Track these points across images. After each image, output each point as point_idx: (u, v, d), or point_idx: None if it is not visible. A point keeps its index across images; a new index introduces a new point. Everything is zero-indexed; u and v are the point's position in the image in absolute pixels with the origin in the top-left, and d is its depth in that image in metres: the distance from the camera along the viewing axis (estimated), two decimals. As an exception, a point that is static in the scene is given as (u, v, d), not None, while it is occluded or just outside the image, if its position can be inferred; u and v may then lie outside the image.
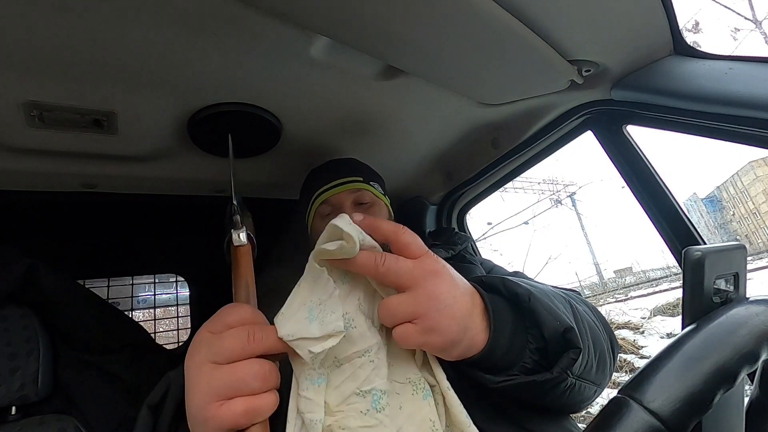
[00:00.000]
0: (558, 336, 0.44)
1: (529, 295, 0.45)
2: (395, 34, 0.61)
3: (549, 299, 0.47)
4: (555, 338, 0.44)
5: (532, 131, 1.00)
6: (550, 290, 0.52)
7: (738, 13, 9.90)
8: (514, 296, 0.46)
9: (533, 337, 0.45)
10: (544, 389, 0.45)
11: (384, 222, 0.44)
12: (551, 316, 0.44)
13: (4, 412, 0.80)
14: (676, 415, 0.27)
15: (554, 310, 0.45)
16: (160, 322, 1.53)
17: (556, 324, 0.44)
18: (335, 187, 0.82)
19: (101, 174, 0.92)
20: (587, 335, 0.50)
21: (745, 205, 23.46)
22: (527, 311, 0.45)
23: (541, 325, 0.44)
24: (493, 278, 0.49)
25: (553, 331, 0.44)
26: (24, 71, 0.61)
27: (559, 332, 0.44)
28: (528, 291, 0.46)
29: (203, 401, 0.36)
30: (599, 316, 0.63)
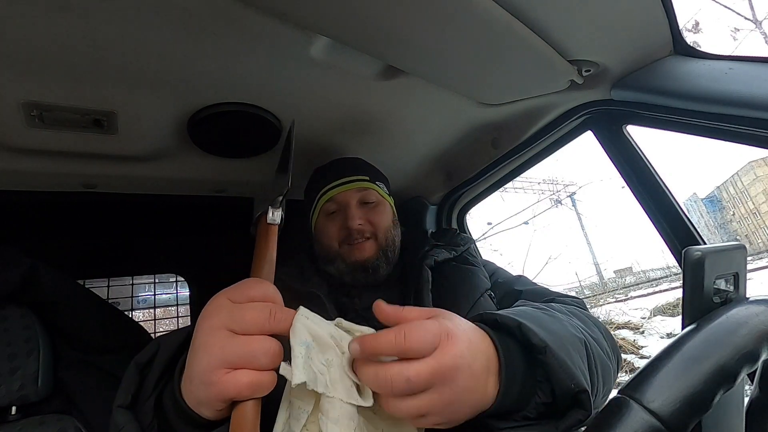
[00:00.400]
0: (570, 395, 0.43)
1: (545, 348, 0.43)
2: (395, 34, 0.61)
3: (565, 351, 0.45)
4: (566, 397, 0.43)
5: (532, 131, 1.00)
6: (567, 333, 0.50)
7: (738, 13, 9.91)
8: (529, 345, 0.44)
9: (543, 392, 0.44)
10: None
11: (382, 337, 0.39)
12: (566, 375, 0.42)
13: (4, 412, 0.80)
14: (676, 415, 0.27)
15: (569, 367, 0.43)
16: (160, 322, 1.53)
17: (570, 386, 0.42)
18: (342, 185, 0.82)
19: (101, 174, 0.92)
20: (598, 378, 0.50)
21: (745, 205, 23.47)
22: (541, 364, 0.43)
23: (554, 383, 0.43)
24: (510, 319, 0.46)
25: (565, 391, 0.42)
26: (24, 71, 0.61)
27: (572, 393, 0.42)
28: (544, 342, 0.43)
29: (212, 365, 0.37)
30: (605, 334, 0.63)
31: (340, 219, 0.80)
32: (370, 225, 0.79)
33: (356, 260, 0.77)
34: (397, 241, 0.83)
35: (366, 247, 0.78)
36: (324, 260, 0.81)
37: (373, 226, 0.80)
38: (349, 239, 0.78)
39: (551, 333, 0.46)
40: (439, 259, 0.77)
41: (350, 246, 0.78)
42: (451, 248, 0.81)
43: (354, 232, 0.77)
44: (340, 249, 0.78)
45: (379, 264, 0.77)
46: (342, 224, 0.79)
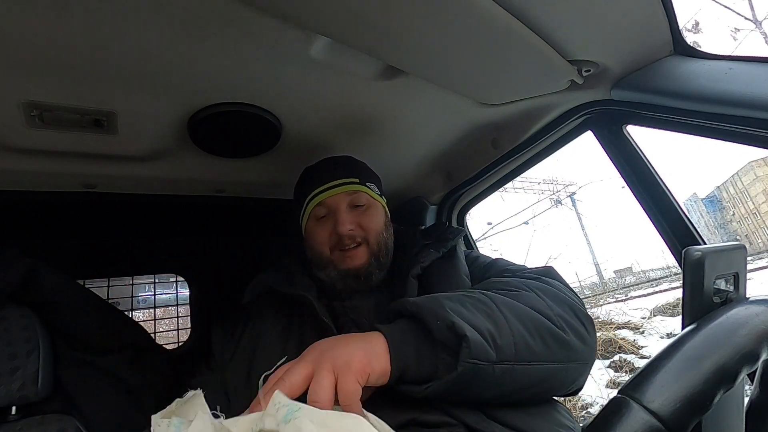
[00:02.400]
0: (447, 333, 0.48)
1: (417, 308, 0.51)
2: (395, 34, 0.61)
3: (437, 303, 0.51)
4: (446, 337, 0.48)
5: (532, 131, 1.00)
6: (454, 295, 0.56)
7: (738, 13, 9.90)
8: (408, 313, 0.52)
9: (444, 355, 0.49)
10: (470, 383, 0.48)
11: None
12: (433, 318, 0.49)
13: (4, 412, 0.80)
14: (676, 415, 0.27)
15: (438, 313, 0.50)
16: (160, 322, 1.53)
17: (437, 324, 0.49)
18: (331, 188, 0.79)
19: (101, 174, 0.92)
20: (502, 317, 0.52)
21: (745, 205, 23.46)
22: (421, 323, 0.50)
23: (430, 331, 0.49)
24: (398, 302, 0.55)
25: (440, 331, 0.48)
26: (24, 71, 0.61)
27: (444, 329, 0.48)
28: (415, 304, 0.52)
29: None
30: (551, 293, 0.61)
31: (330, 224, 0.78)
32: (360, 229, 0.77)
33: (348, 268, 0.75)
34: (389, 244, 0.82)
35: (358, 255, 0.76)
36: (315, 265, 0.80)
37: (365, 231, 0.78)
38: (340, 245, 0.76)
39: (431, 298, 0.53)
40: (426, 264, 0.75)
41: (342, 252, 0.76)
42: (440, 245, 0.79)
43: (345, 238, 0.76)
44: (332, 255, 0.77)
45: (371, 271, 0.76)
46: (332, 229, 0.77)
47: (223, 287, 1.36)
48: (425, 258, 0.75)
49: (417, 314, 0.51)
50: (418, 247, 0.79)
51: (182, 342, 1.42)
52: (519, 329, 0.52)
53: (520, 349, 0.50)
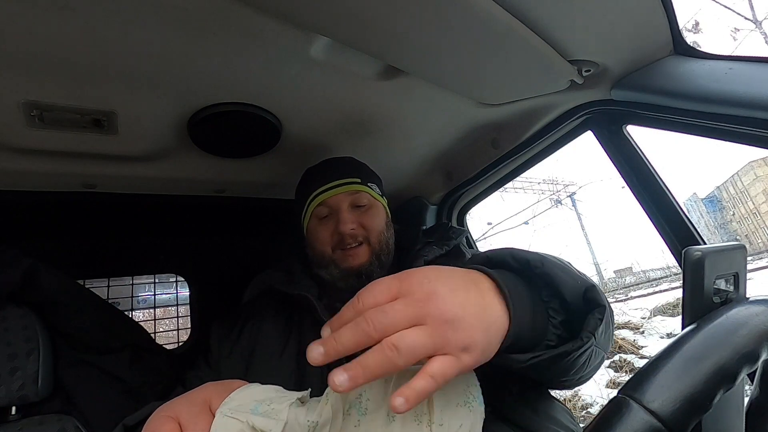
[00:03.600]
0: (579, 297, 0.41)
1: (542, 260, 0.43)
2: (395, 34, 0.61)
3: (561, 261, 0.46)
4: (576, 301, 0.41)
5: (532, 131, 1.00)
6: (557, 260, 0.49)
7: (738, 13, 9.90)
8: (525, 264, 0.43)
9: (554, 311, 0.43)
10: (570, 360, 0.43)
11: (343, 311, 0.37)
12: (569, 277, 0.42)
13: (4, 412, 0.80)
14: (676, 415, 0.27)
15: (570, 270, 0.43)
16: (160, 322, 1.53)
17: (577, 284, 0.41)
18: (332, 188, 0.80)
19: (101, 174, 0.92)
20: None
21: (745, 205, 23.46)
22: (542, 277, 0.42)
23: (560, 288, 0.41)
24: (499, 252, 0.46)
25: (574, 293, 0.41)
26: (24, 71, 0.61)
27: (581, 292, 0.41)
28: (539, 256, 0.44)
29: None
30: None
31: (332, 223, 0.78)
32: (362, 229, 0.78)
33: (350, 266, 0.76)
34: (391, 243, 0.82)
35: (359, 253, 0.77)
36: (317, 265, 0.80)
37: (366, 230, 0.78)
38: (341, 244, 0.77)
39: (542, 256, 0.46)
40: (429, 258, 0.76)
41: (343, 251, 0.77)
42: (442, 243, 0.79)
43: (346, 237, 0.76)
44: (333, 254, 0.77)
45: (372, 270, 0.77)
46: (334, 229, 0.77)
47: (223, 287, 1.36)
48: (428, 253, 0.76)
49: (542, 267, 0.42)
50: (420, 244, 0.80)
51: (182, 342, 1.42)
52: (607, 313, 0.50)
53: (605, 335, 0.47)
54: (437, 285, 0.36)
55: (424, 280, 0.36)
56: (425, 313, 0.33)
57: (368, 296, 0.35)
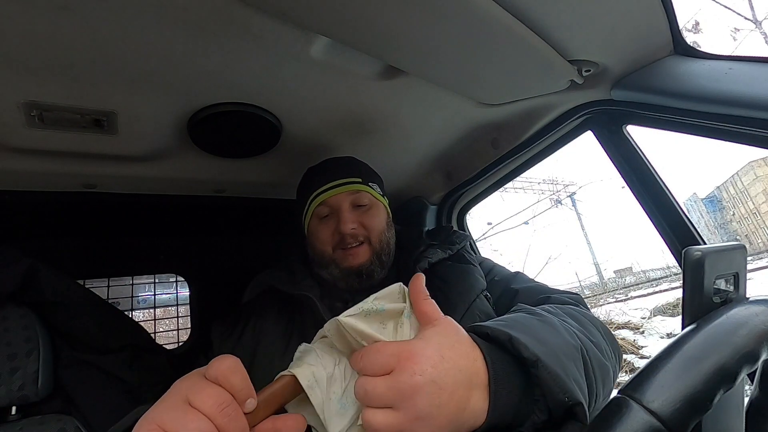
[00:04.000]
0: (563, 408, 0.41)
1: (537, 361, 0.41)
2: (395, 34, 0.61)
3: (559, 362, 0.43)
4: (560, 410, 0.41)
5: (532, 131, 1.00)
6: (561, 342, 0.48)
7: (738, 13, 9.90)
8: (520, 359, 0.42)
9: (540, 410, 0.42)
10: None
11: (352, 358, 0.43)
12: (558, 389, 0.40)
13: (4, 412, 0.80)
14: (676, 415, 0.27)
15: (562, 380, 0.41)
16: (160, 322, 1.53)
17: (564, 399, 0.40)
18: (333, 188, 0.80)
19: (101, 174, 0.92)
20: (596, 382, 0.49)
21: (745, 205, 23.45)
22: (534, 378, 0.42)
23: (547, 397, 0.41)
24: (501, 332, 0.43)
25: (559, 404, 0.41)
26: (24, 71, 0.61)
27: (566, 406, 0.41)
28: (535, 356, 0.41)
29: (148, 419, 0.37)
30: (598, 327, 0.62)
31: (332, 223, 0.78)
32: (363, 229, 0.78)
33: (350, 266, 0.76)
34: (391, 243, 0.82)
35: (360, 253, 0.76)
36: (318, 264, 0.80)
37: (367, 230, 0.78)
38: (342, 244, 0.77)
39: (544, 344, 0.44)
40: (433, 260, 0.76)
41: (344, 251, 0.76)
42: (446, 247, 0.80)
43: (347, 237, 0.76)
44: (334, 254, 0.77)
45: (373, 269, 0.76)
46: (335, 228, 0.77)
47: (223, 287, 1.36)
48: (432, 255, 0.77)
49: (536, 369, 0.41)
50: (424, 246, 0.80)
51: (182, 342, 1.42)
52: (600, 390, 0.51)
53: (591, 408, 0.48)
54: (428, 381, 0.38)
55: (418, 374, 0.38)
56: (402, 405, 0.37)
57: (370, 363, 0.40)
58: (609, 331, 0.65)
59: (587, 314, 0.64)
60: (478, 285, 0.74)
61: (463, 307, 0.69)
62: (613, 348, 0.62)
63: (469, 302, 0.70)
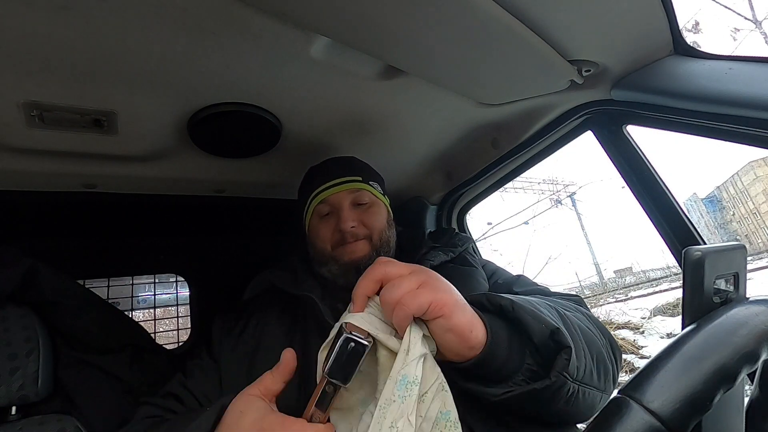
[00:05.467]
0: (546, 339, 0.45)
1: (512, 305, 0.47)
2: (395, 34, 0.61)
3: (533, 306, 0.48)
4: (544, 342, 0.45)
5: (532, 131, 1.00)
6: (535, 300, 0.53)
7: (738, 13, 9.90)
8: (499, 308, 0.48)
9: (530, 351, 0.46)
10: (546, 397, 0.45)
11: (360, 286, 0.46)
12: (535, 321, 0.46)
13: (4, 412, 0.80)
14: (676, 415, 0.27)
15: (538, 315, 0.46)
16: (160, 322, 1.53)
17: (542, 327, 0.45)
18: (334, 186, 0.80)
19: (101, 174, 0.92)
20: (579, 338, 0.51)
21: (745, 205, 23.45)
22: (514, 321, 0.47)
23: (529, 331, 0.45)
24: (476, 296, 0.50)
25: (540, 335, 0.45)
26: (24, 71, 0.61)
27: (546, 335, 0.45)
28: (510, 301, 0.47)
29: None
30: (595, 322, 0.63)
31: (333, 221, 0.79)
32: (363, 227, 0.78)
33: (349, 261, 0.76)
34: (392, 242, 0.82)
35: (359, 247, 0.77)
36: (317, 262, 0.80)
37: (367, 228, 0.78)
38: (342, 241, 0.77)
39: (519, 300, 0.49)
40: (435, 263, 0.76)
41: (343, 246, 0.77)
42: (448, 249, 0.80)
43: (347, 235, 0.76)
44: (334, 251, 0.77)
45: None
46: (335, 226, 0.78)
47: (223, 287, 1.36)
48: (434, 258, 0.77)
49: (512, 312, 0.47)
50: (426, 248, 0.80)
51: (182, 342, 1.42)
52: (588, 353, 0.51)
53: (587, 373, 0.50)
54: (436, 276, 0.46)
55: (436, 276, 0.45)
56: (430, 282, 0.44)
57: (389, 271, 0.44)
58: (607, 331, 0.64)
59: (585, 312, 0.65)
60: (480, 289, 0.74)
61: None
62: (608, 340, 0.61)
63: None
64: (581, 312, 0.63)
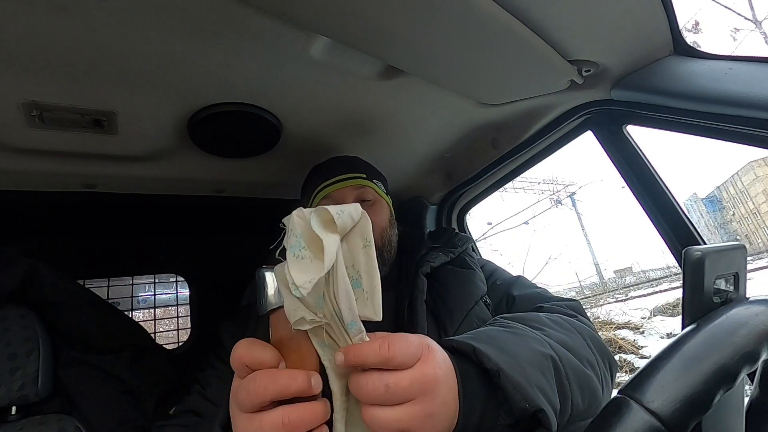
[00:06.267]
0: (528, 415, 0.42)
1: (499, 371, 0.42)
2: (395, 34, 0.61)
3: (522, 371, 0.43)
4: (524, 417, 0.42)
5: (532, 131, 1.00)
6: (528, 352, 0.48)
7: (738, 13, 9.90)
8: (484, 371, 0.43)
9: (505, 413, 0.43)
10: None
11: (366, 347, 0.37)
12: (520, 396, 0.41)
13: (4, 412, 0.80)
14: (676, 415, 0.27)
15: (523, 388, 0.42)
16: (160, 322, 1.53)
17: (525, 406, 0.41)
18: (338, 182, 0.81)
19: (101, 174, 0.92)
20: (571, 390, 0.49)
21: (745, 205, 23.45)
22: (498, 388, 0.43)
23: (511, 404, 0.42)
24: (465, 344, 0.45)
25: (522, 411, 0.41)
26: (24, 71, 0.61)
27: (529, 413, 0.41)
28: (496, 366, 0.42)
29: None
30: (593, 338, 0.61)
31: None
32: None
33: None
34: (393, 241, 0.83)
35: None
36: None
37: None
38: None
39: (508, 354, 0.45)
40: (435, 264, 0.76)
41: None
42: (448, 250, 0.80)
43: None
44: None
45: None
46: None
47: (223, 287, 1.36)
48: (434, 259, 0.77)
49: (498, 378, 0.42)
50: (426, 248, 0.80)
51: (182, 342, 1.42)
52: (578, 398, 0.50)
53: (574, 414, 0.48)
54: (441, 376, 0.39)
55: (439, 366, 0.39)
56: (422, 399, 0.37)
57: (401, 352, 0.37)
58: (600, 340, 0.63)
59: (576, 323, 0.63)
60: (478, 291, 0.74)
61: (461, 314, 0.69)
62: (602, 355, 0.60)
63: (468, 309, 0.70)
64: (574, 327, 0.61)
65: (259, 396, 0.36)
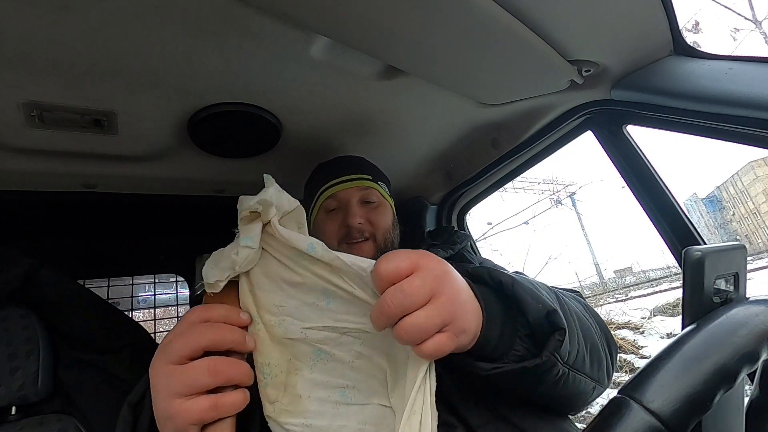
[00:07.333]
0: (542, 319, 0.45)
1: (513, 282, 0.46)
2: (395, 34, 0.61)
3: (533, 286, 0.48)
4: (539, 322, 0.45)
5: (532, 131, 1.00)
6: (537, 281, 0.53)
7: (738, 13, 9.90)
8: (499, 284, 0.47)
9: (521, 325, 0.46)
10: (535, 376, 0.45)
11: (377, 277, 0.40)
12: (533, 300, 0.45)
13: (4, 412, 0.80)
14: (676, 415, 0.27)
15: (537, 295, 0.46)
16: (160, 322, 1.53)
17: (539, 306, 0.45)
18: (344, 182, 0.81)
19: (101, 174, 0.92)
20: (575, 323, 0.51)
21: (745, 205, 23.44)
22: (511, 297, 0.46)
23: (525, 309, 0.45)
24: (479, 269, 0.49)
25: (536, 314, 0.45)
26: (24, 71, 0.61)
27: (543, 315, 0.44)
28: (511, 278, 0.47)
29: (164, 399, 0.38)
30: (593, 313, 0.63)
31: (340, 216, 0.79)
32: (370, 225, 0.79)
33: None
34: (396, 243, 0.83)
35: (364, 249, 0.77)
36: None
37: (373, 226, 0.79)
38: (348, 237, 0.77)
39: (520, 278, 0.48)
40: None
41: (349, 246, 0.77)
42: (447, 247, 0.80)
43: (354, 231, 0.77)
44: (339, 248, 0.78)
45: None
46: (342, 222, 0.78)
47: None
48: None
49: (512, 289, 0.46)
50: (425, 246, 0.80)
51: (182, 342, 1.42)
52: (582, 339, 0.51)
53: (579, 358, 0.49)
54: (446, 267, 0.41)
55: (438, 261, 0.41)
56: (441, 290, 0.38)
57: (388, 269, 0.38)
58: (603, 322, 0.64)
59: (583, 302, 0.65)
60: None
61: None
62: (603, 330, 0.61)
63: None
64: (580, 302, 0.63)
65: (194, 341, 0.39)
